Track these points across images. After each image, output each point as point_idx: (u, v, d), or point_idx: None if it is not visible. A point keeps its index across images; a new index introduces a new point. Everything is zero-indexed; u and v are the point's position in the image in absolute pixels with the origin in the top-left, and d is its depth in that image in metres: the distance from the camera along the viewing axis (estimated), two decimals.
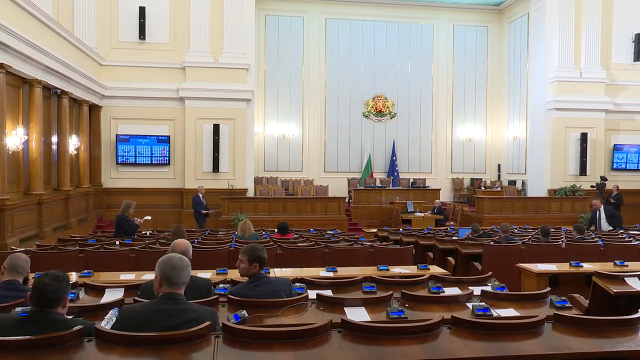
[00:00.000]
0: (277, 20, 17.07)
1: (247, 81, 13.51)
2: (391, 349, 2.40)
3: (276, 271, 5.10)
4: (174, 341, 2.31)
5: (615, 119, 15.16)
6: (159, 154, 13.12)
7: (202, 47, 13.19)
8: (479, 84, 18.26)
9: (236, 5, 13.22)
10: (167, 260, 2.71)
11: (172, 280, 2.64)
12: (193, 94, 13.09)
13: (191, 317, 2.54)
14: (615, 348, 2.54)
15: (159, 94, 13.00)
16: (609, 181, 13.79)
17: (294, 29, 17.15)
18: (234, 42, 13.31)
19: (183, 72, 13.16)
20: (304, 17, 17.20)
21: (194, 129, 13.14)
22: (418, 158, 17.92)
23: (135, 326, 2.45)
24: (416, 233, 8.98)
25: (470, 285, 3.96)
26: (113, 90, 12.78)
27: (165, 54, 13.11)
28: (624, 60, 15.12)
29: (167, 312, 2.56)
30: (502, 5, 17.73)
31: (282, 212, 12.76)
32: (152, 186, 13.03)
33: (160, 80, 13.01)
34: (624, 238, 7.77)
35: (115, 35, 12.96)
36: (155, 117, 13.12)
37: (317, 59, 17.26)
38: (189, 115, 13.16)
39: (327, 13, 17.31)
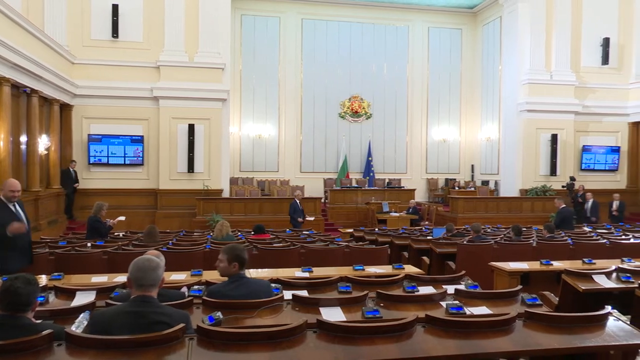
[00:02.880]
0: (253, 20, 16.99)
1: (223, 81, 13.40)
2: (366, 349, 2.41)
3: (252, 272, 5.08)
4: (147, 344, 2.29)
5: (584, 121, 15.56)
6: (133, 154, 12.91)
7: (176, 46, 13.03)
8: (453, 86, 18.51)
9: (211, 4, 13.10)
10: (134, 263, 2.69)
11: (139, 281, 2.61)
12: (167, 94, 12.92)
13: (163, 319, 2.52)
14: (583, 344, 2.60)
15: (133, 94, 12.79)
16: (578, 181, 14.13)
17: (270, 29, 17.10)
18: (210, 41, 13.19)
19: (157, 72, 12.98)
20: (280, 17, 17.17)
21: (168, 129, 12.98)
22: (393, 158, 18.07)
23: (106, 329, 2.41)
24: (391, 233, 9.05)
25: (444, 284, 4.01)
26: (85, 89, 12.52)
27: (139, 52, 12.91)
28: (593, 63, 15.52)
29: (139, 314, 2.52)
30: (476, 8, 18.01)
31: (258, 213, 12.70)
32: (126, 187, 12.82)
33: (133, 79, 12.80)
34: (592, 237, 7.98)
35: (87, 33, 12.71)
36: (128, 117, 12.91)
37: (293, 59, 17.25)
38: (163, 115, 12.99)
39: (304, 14, 17.31)
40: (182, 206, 12.69)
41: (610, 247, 6.99)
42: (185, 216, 12.48)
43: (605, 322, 2.84)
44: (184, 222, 12.05)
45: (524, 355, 2.41)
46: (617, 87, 15.58)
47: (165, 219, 12.20)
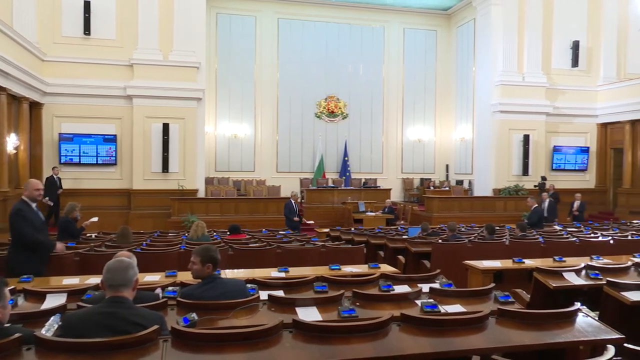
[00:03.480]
0: (229, 19, 16.87)
1: (198, 80, 13.27)
2: (342, 348, 2.42)
3: (228, 272, 5.04)
4: (120, 347, 2.25)
5: (555, 122, 15.92)
6: (105, 153, 12.69)
7: (150, 44, 12.85)
8: (428, 86, 18.71)
9: (186, 2, 12.96)
10: (106, 265, 2.65)
11: (110, 282, 2.57)
12: (141, 92, 12.73)
13: (137, 321, 2.48)
14: (553, 339, 2.66)
15: (105, 92, 12.57)
16: (549, 181, 14.44)
17: (246, 28, 17.01)
18: (184, 39, 13.05)
19: (131, 70, 12.78)
20: (256, 16, 17.09)
21: (142, 128, 12.80)
22: (369, 158, 18.17)
23: (78, 332, 2.36)
24: (367, 232, 9.11)
25: (419, 283, 4.05)
26: (56, 87, 12.24)
27: (111, 50, 12.69)
28: (563, 65, 15.89)
29: (112, 316, 2.48)
30: (450, 10, 18.24)
31: (234, 213, 12.62)
32: (98, 187, 12.60)
33: (106, 77, 12.58)
34: (563, 235, 8.16)
35: (58, 29, 12.43)
36: (101, 116, 12.68)
37: (269, 58, 17.18)
38: (137, 113, 12.80)
39: (280, 13, 17.27)
40: (156, 206, 12.52)
41: (580, 245, 7.17)
42: (160, 217, 12.31)
43: (574, 318, 2.91)
44: (159, 222, 11.89)
45: (496, 352, 2.45)
46: (586, 89, 15.98)
47: (139, 220, 12.02)
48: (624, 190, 15.14)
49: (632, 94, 14.83)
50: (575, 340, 2.69)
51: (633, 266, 4.70)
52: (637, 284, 3.90)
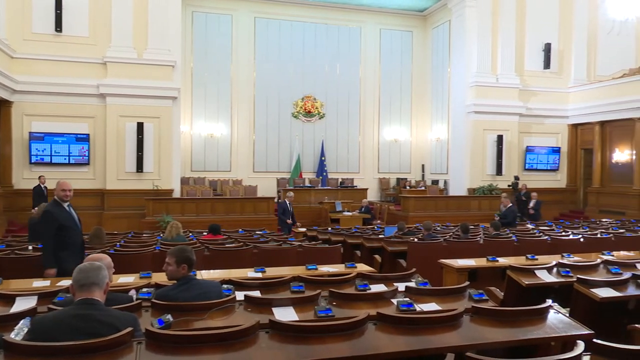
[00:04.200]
0: (205, 17, 16.72)
1: (173, 79, 13.11)
2: (318, 347, 2.43)
3: (203, 273, 5.00)
4: (93, 350, 2.21)
5: (528, 122, 16.22)
6: (78, 153, 12.44)
7: (124, 42, 12.64)
8: (404, 87, 18.87)
9: None
10: (77, 267, 2.60)
11: (81, 281, 2.52)
12: (115, 91, 12.51)
13: (110, 322, 2.43)
14: (526, 336, 2.72)
15: (78, 90, 12.31)
16: (522, 180, 14.72)
17: (223, 27, 16.88)
18: (159, 38, 12.88)
19: (104, 68, 12.55)
20: (233, 15, 16.97)
21: (115, 127, 12.58)
22: (346, 158, 18.23)
23: (49, 336, 2.31)
24: (344, 232, 9.13)
25: (395, 282, 4.08)
26: (26, 85, 11.94)
27: (84, 47, 12.44)
28: (535, 67, 16.20)
29: (83, 318, 2.43)
30: (426, 11, 18.43)
31: (210, 213, 12.52)
32: None
33: (78, 75, 12.32)
34: (535, 233, 8.33)
35: (28, 26, 12.12)
36: (73, 114, 12.42)
37: (246, 58, 17.09)
38: (110, 112, 12.58)
39: (256, 12, 17.19)
40: (130, 207, 12.32)
41: (552, 244, 7.33)
42: (134, 217, 12.13)
43: (546, 315, 2.97)
44: (133, 223, 11.71)
45: (470, 349, 2.48)
46: (557, 91, 16.32)
47: (112, 220, 11.83)
48: (594, 189, 15.53)
49: (601, 96, 15.23)
50: (546, 337, 2.75)
51: (602, 263, 4.83)
52: (606, 280, 4.01)
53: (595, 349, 2.34)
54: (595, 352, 2.33)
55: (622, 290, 3.89)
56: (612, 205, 14.73)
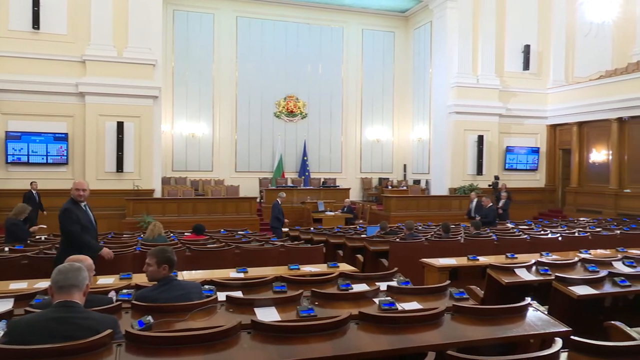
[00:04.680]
0: (186, 16, 16.58)
1: (154, 77, 12.98)
2: (301, 347, 2.43)
3: (185, 274, 4.95)
4: (72, 352, 2.17)
5: (507, 123, 16.43)
6: (56, 152, 12.23)
7: (104, 40, 12.47)
8: (386, 87, 18.96)
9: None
10: (55, 268, 2.55)
11: (60, 283, 2.46)
12: (94, 90, 12.34)
13: (89, 325, 2.39)
14: (505, 334, 2.75)
15: (56, 89, 12.11)
16: (502, 180, 14.90)
17: (204, 25, 16.76)
18: (140, 36, 12.73)
19: (83, 66, 12.36)
20: (215, 14, 16.86)
21: (95, 127, 12.40)
22: (328, 158, 18.25)
23: (25, 339, 2.26)
24: (327, 232, 9.14)
25: (377, 281, 4.09)
26: (2, 83, 11.68)
27: (62, 45, 12.23)
28: (515, 69, 16.41)
29: (62, 321, 2.38)
30: (408, 12, 18.54)
31: (192, 213, 12.43)
32: (49, 187, 12.07)
33: (57, 73, 12.12)
34: (515, 233, 8.44)
35: (4, 23, 11.87)
36: (51, 113, 12.21)
37: (228, 57, 16.99)
38: (89, 111, 12.40)
39: (238, 11, 17.11)
40: (110, 207, 12.15)
41: (531, 243, 7.43)
42: (114, 217, 11.98)
43: (525, 312, 3.02)
44: (113, 223, 11.56)
45: (451, 347, 2.51)
46: (536, 92, 16.57)
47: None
48: (572, 189, 15.80)
49: (579, 97, 15.50)
50: (525, 334, 2.79)
51: (579, 262, 4.92)
52: (583, 278, 4.08)
53: (572, 345, 2.38)
54: (572, 349, 2.37)
55: (599, 288, 3.97)
56: (589, 205, 15.01)
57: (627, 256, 5.28)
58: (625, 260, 5.03)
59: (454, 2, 15.66)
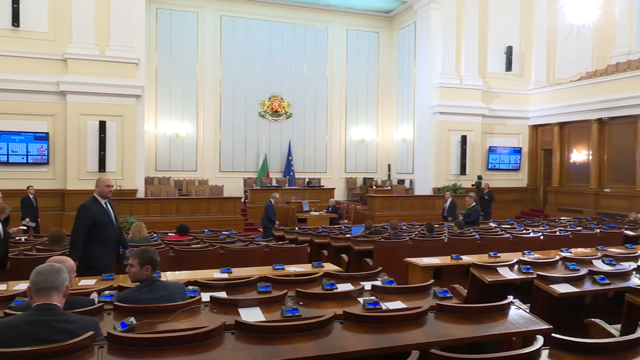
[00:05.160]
0: (170, 14, 16.44)
1: (137, 76, 12.86)
2: (285, 348, 2.42)
3: (168, 275, 4.91)
4: (52, 355, 2.14)
5: (490, 123, 16.61)
6: (37, 152, 12.04)
7: (86, 38, 12.31)
8: (370, 87, 19.03)
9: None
10: (34, 269, 2.50)
11: (39, 285, 2.41)
12: (76, 88, 12.17)
13: (69, 327, 2.35)
14: (488, 332, 2.78)
15: (36, 87, 11.92)
16: (484, 180, 15.07)
17: (188, 24, 16.63)
18: (122, 34, 12.60)
19: (64, 65, 12.19)
20: (198, 12, 16.75)
21: (77, 126, 12.24)
22: (313, 158, 18.25)
23: (3, 342, 2.22)
24: (311, 232, 9.15)
25: (362, 281, 4.10)
26: None
27: (43, 43, 12.05)
28: (498, 69, 16.60)
29: (41, 323, 2.34)
30: (392, 13, 18.63)
31: (175, 214, 12.34)
32: None
33: (37, 72, 11.93)
34: (497, 232, 8.53)
35: None
36: (31, 112, 12.01)
37: (212, 56, 16.89)
38: (71, 110, 12.23)
39: (222, 10, 17.02)
40: None
41: (513, 241, 7.52)
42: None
43: (507, 311, 3.05)
44: None
45: (435, 346, 2.52)
46: (518, 93, 16.77)
47: (73, 222, 11.48)
48: (553, 188, 16.03)
49: (560, 98, 15.74)
50: (508, 332, 2.83)
51: (560, 260, 4.99)
52: (564, 277, 4.14)
53: (554, 343, 2.41)
54: (554, 346, 2.41)
55: (579, 286, 4.03)
56: (570, 204, 15.24)
57: (606, 254, 5.37)
58: (604, 258, 5.11)
59: (438, 4, 15.77)
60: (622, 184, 13.87)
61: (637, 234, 8.41)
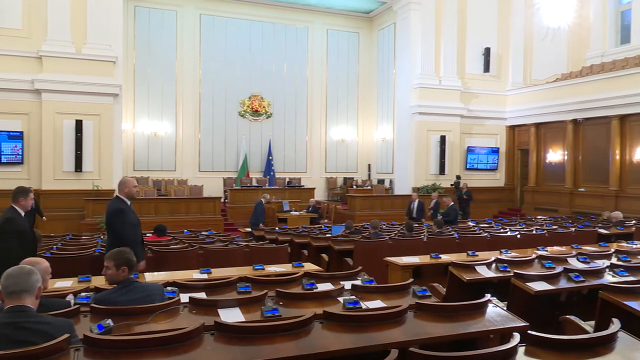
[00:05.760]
0: (148, 12, 16.24)
1: (115, 75, 12.67)
2: (265, 348, 2.42)
3: (147, 276, 4.86)
4: (27, 358, 2.10)
5: (469, 124, 16.80)
6: (10, 151, 11.77)
7: (61, 36, 12.08)
8: (350, 88, 19.08)
9: None
10: (5, 272, 2.45)
11: (10, 288, 2.37)
12: (51, 87, 11.93)
13: (45, 329, 2.31)
14: (466, 330, 2.82)
15: (10, 85, 11.64)
16: (463, 179, 15.24)
17: (167, 23, 16.45)
18: (99, 32, 12.40)
19: (39, 62, 11.94)
20: (177, 11, 16.58)
21: (52, 125, 12.01)
22: (293, 158, 18.23)
23: None
24: (292, 232, 9.13)
25: (342, 280, 4.12)
26: None
27: (17, 40, 11.78)
28: (476, 71, 16.80)
29: (13, 326, 2.29)
30: (372, 13, 18.71)
31: (154, 214, 12.20)
32: (2, 187, 11.57)
33: (10, 69, 11.65)
34: (476, 231, 8.63)
35: None
36: (5, 111, 11.72)
37: (191, 55, 16.74)
38: (46, 109, 11.99)
39: (202, 9, 16.88)
40: (68, 208, 11.81)
41: (491, 240, 7.62)
42: (73, 219, 11.64)
43: (485, 309, 3.10)
44: (71, 225, 11.23)
45: (414, 344, 2.54)
46: (496, 93, 17.00)
47: (49, 222, 11.25)
48: (530, 188, 16.29)
49: (536, 99, 16.01)
50: (485, 330, 2.86)
51: (537, 259, 5.07)
52: (540, 275, 4.22)
53: (530, 340, 2.45)
54: (530, 343, 2.45)
55: (555, 284, 4.11)
56: (546, 203, 15.51)
57: (581, 252, 5.48)
58: (579, 256, 5.22)
59: (417, 5, 15.89)
60: (596, 183, 14.17)
61: (611, 232, 8.60)
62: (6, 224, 4.59)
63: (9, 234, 4.51)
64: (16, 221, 4.64)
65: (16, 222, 4.63)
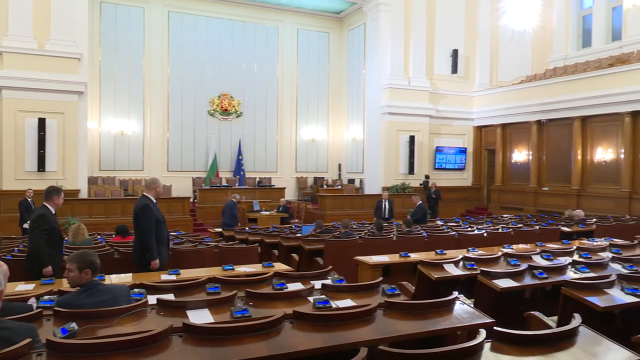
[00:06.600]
0: (114, 9, 15.89)
1: (79, 72, 12.37)
2: (235, 349, 2.40)
3: (113, 277, 4.75)
4: None
5: (437, 124, 17.05)
6: None
7: (23, 31, 11.72)
8: (321, 87, 19.11)
9: None
10: None
11: None
12: (12, 84, 11.56)
13: (4, 334, 2.23)
14: (434, 327, 2.86)
15: None
16: (432, 179, 15.46)
17: (134, 20, 16.14)
18: (63, 28, 12.07)
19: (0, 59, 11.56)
20: (144, 8, 16.28)
21: (13, 123, 11.63)
22: (264, 157, 18.15)
23: None
24: (262, 232, 9.09)
25: (312, 280, 4.11)
26: None
27: None
28: (444, 72, 17.06)
29: None
30: (342, 13, 18.78)
31: (120, 214, 11.94)
32: None
33: None
34: (444, 230, 8.76)
35: None
36: None
37: (159, 53, 16.46)
38: (7, 107, 11.61)
39: (170, 6, 16.62)
40: None
41: (459, 239, 7.74)
42: None
43: (453, 306, 3.14)
44: None
45: (383, 342, 2.56)
46: (464, 94, 17.31)
47: (10, 224, 10.89)
48: (496, 187, 16.65)
49: (502, 100, 16.37)
50: (453, 327, 2.91)
51: (503, 256, 5.18)
52: (506, 272, 4.31)
53: (495, 336, 2.51)
54: (495, 339, 2.50)
55: (520, 280, 4.21)
56: (511, 202, 15.89)
57: (544, 250, 5.62)
58: (543, 253, 5.36)
59: (387, 6, 16.04)
60: (559, 182, 14.59)
61: (573, 230, 8.87)
62: (39, 220, 4.90)
63: (41, 230, 4.84)
64: (48, 218, 4.97)
65: (48, 219, 4.97)
